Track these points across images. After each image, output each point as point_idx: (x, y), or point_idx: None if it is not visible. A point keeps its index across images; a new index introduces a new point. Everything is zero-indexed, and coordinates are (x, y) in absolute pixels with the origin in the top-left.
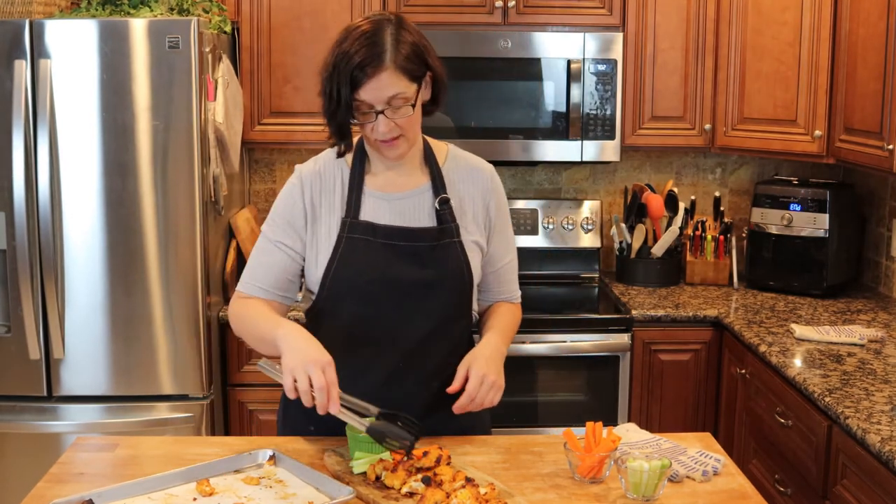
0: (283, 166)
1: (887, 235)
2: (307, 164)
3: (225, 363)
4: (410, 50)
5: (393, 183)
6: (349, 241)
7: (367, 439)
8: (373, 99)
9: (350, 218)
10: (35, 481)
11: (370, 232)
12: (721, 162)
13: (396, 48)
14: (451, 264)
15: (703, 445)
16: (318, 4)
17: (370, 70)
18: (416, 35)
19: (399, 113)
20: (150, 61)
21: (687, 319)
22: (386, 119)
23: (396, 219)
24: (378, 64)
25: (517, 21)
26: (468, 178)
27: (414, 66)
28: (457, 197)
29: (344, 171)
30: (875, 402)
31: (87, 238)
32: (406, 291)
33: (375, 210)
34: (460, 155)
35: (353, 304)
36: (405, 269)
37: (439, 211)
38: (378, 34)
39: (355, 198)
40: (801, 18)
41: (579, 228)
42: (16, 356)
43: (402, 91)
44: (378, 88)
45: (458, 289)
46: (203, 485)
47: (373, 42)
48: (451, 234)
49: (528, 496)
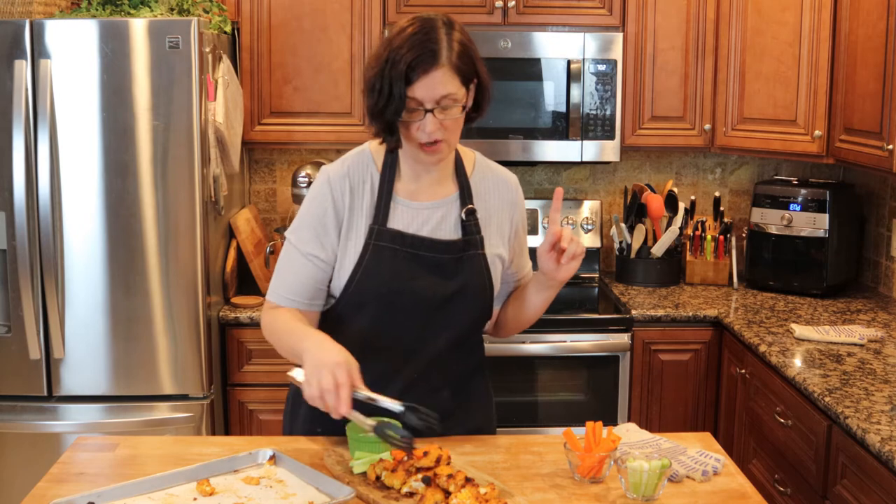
0: (283, 166)
1: (887, 235)
2: (334, 166)
3: (225, 363)
4: (462, 50)
5: (423, 191)
6: (376, 249)
7: (367, 439)
8: (424, 96)
9: (378, 225)
10: (35, 481)
11: (398, 241)
12: (721, 162)
13: (450, 47)
14: (474, 278)
15: (703, 445)
16: (318, 4)
17: (426, 66)
18: (466, 37)
19: (448, 114)
20: (150, 61)
21: (687, 319)
22: (434, 119)
23: (424, 228)
24: (434, 61)
25: (517, 21)
26: (494, 190)
27: (466, 68)
28: (483, 208)
29: (374, 176)
30: (875, 402)
31: (88, 238)
32: (428, 304)
33: (404, 218)
34: (487, 165)
35: (374, 312)
36: (429, 280)
37: (465, 222)
38: (431, 32)
39: (384, 204)
40: (801, 19)
41: (579, 228)
42: (16, 356)
43: (453, 91)
44: (431, 86)
45: (479, 302)
46: (203, 485)
47: (427, 39)
48: (475, 247)
49: (528, 496)
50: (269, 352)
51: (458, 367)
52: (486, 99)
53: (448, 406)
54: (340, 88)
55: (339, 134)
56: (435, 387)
